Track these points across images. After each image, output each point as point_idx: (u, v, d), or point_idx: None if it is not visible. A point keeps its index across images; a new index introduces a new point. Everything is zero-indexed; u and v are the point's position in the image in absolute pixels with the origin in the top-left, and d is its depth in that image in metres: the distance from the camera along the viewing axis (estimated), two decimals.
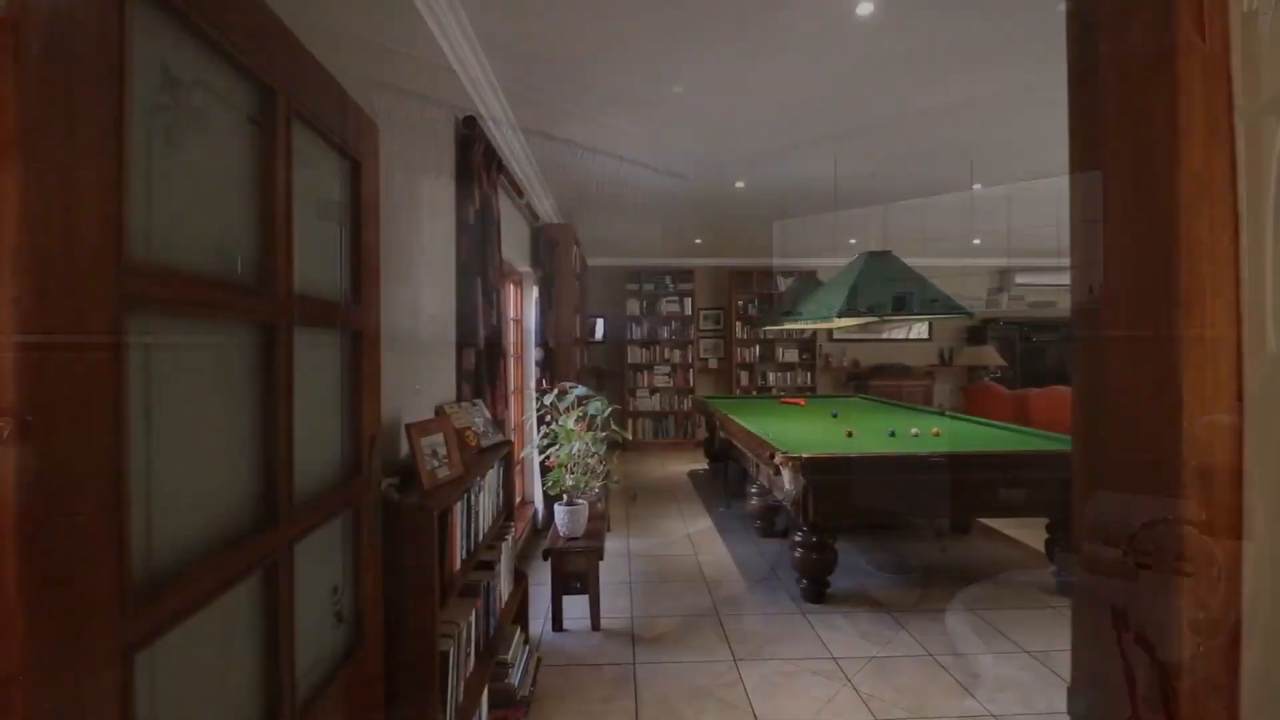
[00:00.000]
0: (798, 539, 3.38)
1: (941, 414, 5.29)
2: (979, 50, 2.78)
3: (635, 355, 8.42)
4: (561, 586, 3.03)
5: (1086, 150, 0.71)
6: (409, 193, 2.02)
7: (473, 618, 1.84)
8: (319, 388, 1.15)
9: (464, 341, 2.57)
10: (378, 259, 1.36)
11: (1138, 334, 0.67)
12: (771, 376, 8.67)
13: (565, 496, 3.17)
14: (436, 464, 1.81)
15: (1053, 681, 2.56)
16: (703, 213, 5.84)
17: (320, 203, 1.15)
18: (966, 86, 3.14)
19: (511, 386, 4.58)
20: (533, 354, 4.66)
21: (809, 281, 5.92)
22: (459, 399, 2.57)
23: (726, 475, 5.70)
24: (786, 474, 3.23)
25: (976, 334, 8.80)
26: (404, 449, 1.84)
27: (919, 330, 9.04)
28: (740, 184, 4.77)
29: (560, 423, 3.47)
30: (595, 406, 3.49)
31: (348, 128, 1.24)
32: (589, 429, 3.51)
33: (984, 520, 4.67)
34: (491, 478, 2.31)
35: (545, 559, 3.00)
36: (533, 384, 4.55)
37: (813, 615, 3.23)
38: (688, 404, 8.45)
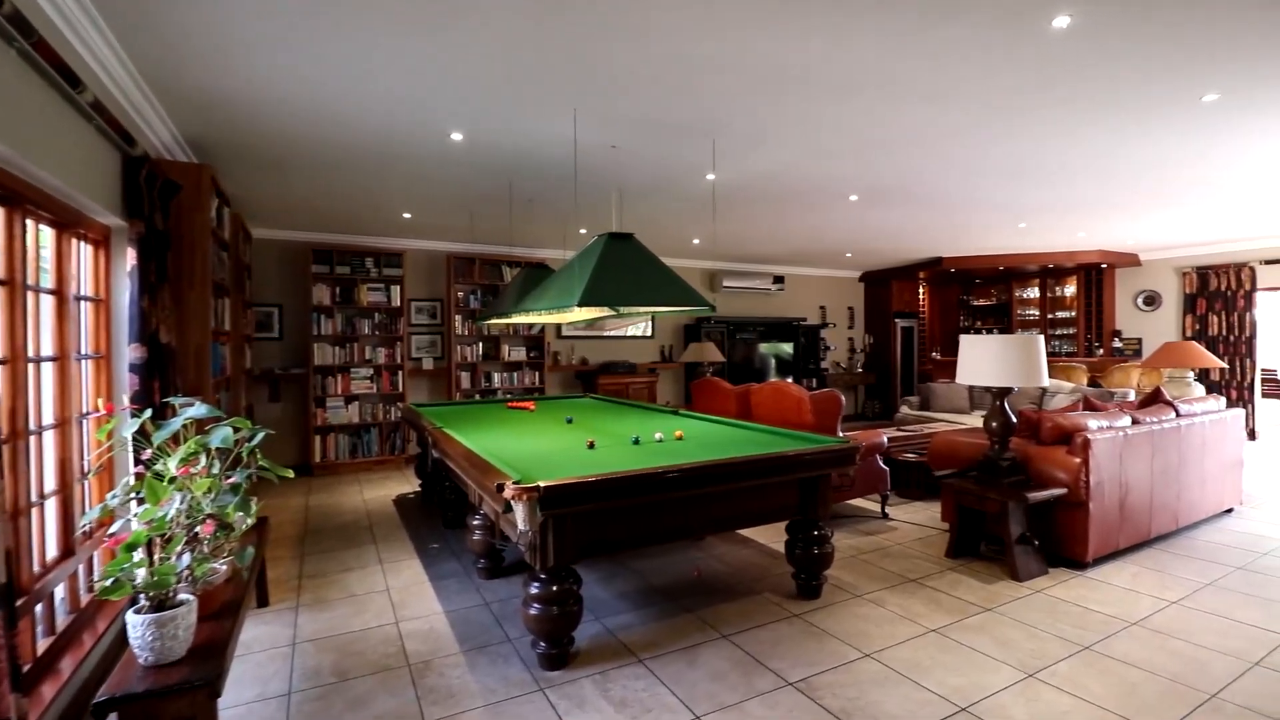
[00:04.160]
0: (534, 591, 2.59)
1: (675, 413, 5.06)
2: (735, 10, 2.33)
3: (326, 355, 6.73)
4: None
5: None
6: None
7: None
8: None
9: None
10: None
11: None
12: (497, 377, 7.79)
13: (146, 598, 1.86)
14: None
15: None
16: (411, 175, 4.68)
17: None
18: (712, 42, 2.71)
19: (83, 409, 2.88)
20: (126, 355, 3.01)
21: (538, 272, 5.20)
22: None
23: (443, 498, 4.66)
24: (520, 510, 2.41)
25: (693, 332, 9.20)
26: None
27: (643, 328, 9.10)
28: (457, 136, 3.79)
29: (158, 466, 2.12)
30: (222, 435, 2.21)
31: None
32: (213, 470, 2.22)
33: None
34: None
35: (98, 719, 1.67)
36: (125, 401, 2.91)
37: (554, 690, 2.48)
38: (396, 413, 7.07)
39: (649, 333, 9.16)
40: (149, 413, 2.26)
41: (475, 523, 3.51)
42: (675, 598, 3.34)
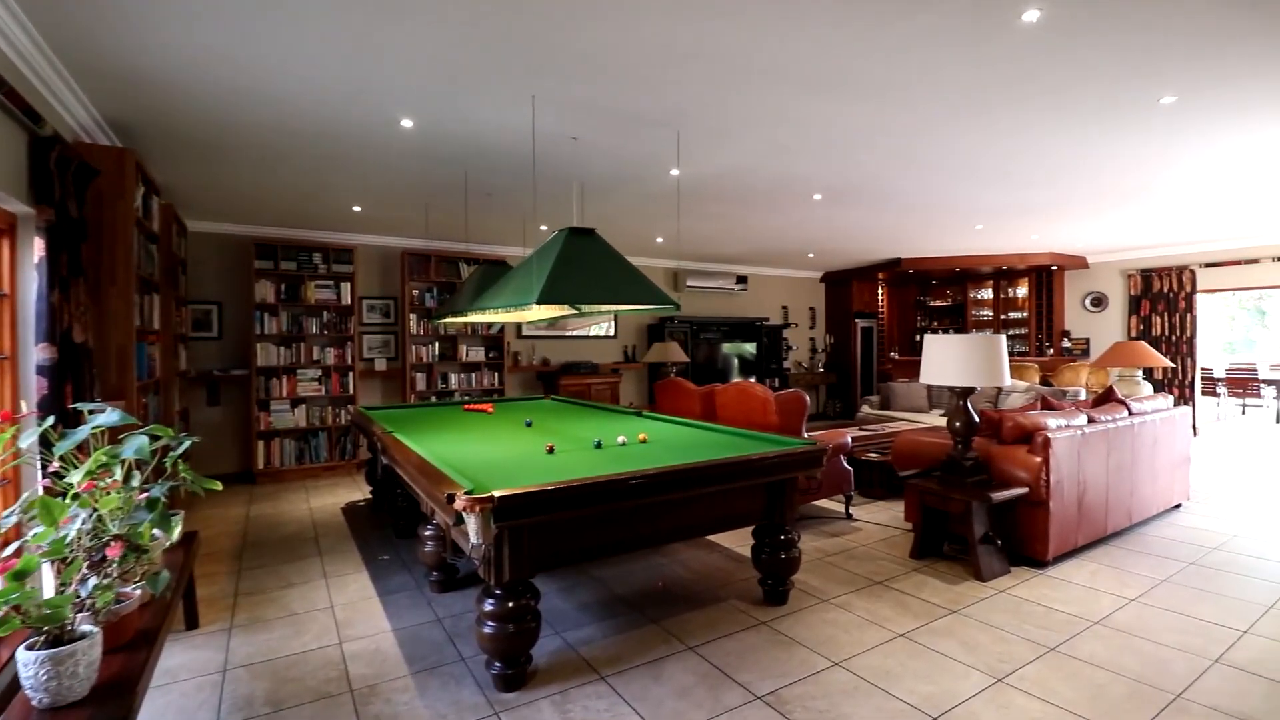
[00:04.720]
0: (489, 608, 2.43)
1: (638, 414, 4.94)
2: None
3: (270, 355, 6.38)
4: None
5: None
6: None
7: None
8: None
9: None
10: None
11: None
12: (454, 379, 7.53)
13: (43, 633, 1.64)
14: None
15: None
16: (360, 164, 4.44)
17: None
18: (678, 29, 2.60)
19: None
20: (33, 357, 2.72)
21: (497, 268, 5.01)
22: None
23: (395, 506, 4.43)
24: (473, 522, 2.25)
25: (656, 332, 9.09)
26: None
27: (606, 327, 8.95)
28: (408, 123, 3.58)
29: (63, 480, 1.89)
30: (136, 445, 1.99)
31: None
32: (126, 483, 2.00)
33: None
34: None
35: None
36: (25, 408, 2.63)
37: (510, 713, 2.32)
38: (346, 416, 6.75)
39: (612, 333, 9.02)
40: (50, 420, 2.02)
41: (427, 534, 3.31)
42: (639, 608, 3.21)
